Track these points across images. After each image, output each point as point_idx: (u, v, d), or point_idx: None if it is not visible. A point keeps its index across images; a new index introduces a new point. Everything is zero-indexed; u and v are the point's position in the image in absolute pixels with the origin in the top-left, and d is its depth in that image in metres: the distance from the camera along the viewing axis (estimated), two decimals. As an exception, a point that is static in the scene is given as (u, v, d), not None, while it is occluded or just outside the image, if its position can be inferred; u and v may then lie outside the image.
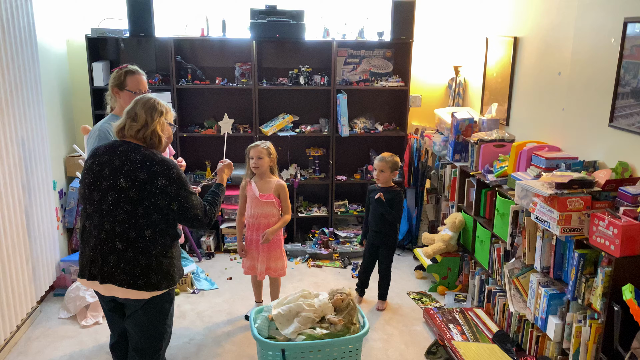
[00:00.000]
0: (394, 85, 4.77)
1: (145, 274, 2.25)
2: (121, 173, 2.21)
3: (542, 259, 2.93)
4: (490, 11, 4.42)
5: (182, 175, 2.31)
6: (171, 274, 2.34)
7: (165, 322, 2.44)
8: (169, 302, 2.42)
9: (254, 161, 3.46)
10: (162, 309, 2.39)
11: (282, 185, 3.52)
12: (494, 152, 3.82)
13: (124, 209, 2.20)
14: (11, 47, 3.28)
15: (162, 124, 2.38)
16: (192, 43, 4.70)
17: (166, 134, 2.42)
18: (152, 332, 2.40)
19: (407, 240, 4.97)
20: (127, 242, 2.22)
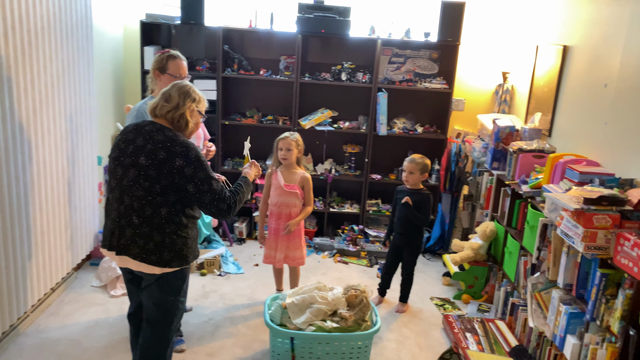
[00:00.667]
0: (437, 87, 4.71)
1: (157, 250, 2.34)
2: (143, 151, 2.31)
3: (565, 276, 2.82)
4: (542, 18, 4.28)
5: (201, 158, 2.35)
6: (184, 253, 2.41)
7: (178, 298, 2.52)
8: (181, 279, 2.50)
9: (282, 152, 3.53)
10: (174, 286, 2.48)
11: (307, 178, 3.57)
12: (532, 162, 3.70)
13: (142, 186, 2.30)
14: (66, 27, 3.48)
15: (192, 109, 2.46)
16: (240, 33, 4.81)
17: (194, 120, 2.50)
18: (164, 306, 2.50)
19: (439, 245, 4.90)
20: (143, 218, 2.32)
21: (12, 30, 2.87)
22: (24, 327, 3.26)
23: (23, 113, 3.04)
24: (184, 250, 2.41)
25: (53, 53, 3.33)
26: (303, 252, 3.67)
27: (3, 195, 2.88)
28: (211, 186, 2.36)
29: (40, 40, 3.17)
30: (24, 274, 3.17)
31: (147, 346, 2.53)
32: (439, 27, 4.50)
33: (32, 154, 3.17)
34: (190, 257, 2.47)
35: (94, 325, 3.40)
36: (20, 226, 3.08)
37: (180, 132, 2.44)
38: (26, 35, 3.01)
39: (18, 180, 3.02)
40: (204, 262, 4.24)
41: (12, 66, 2.89)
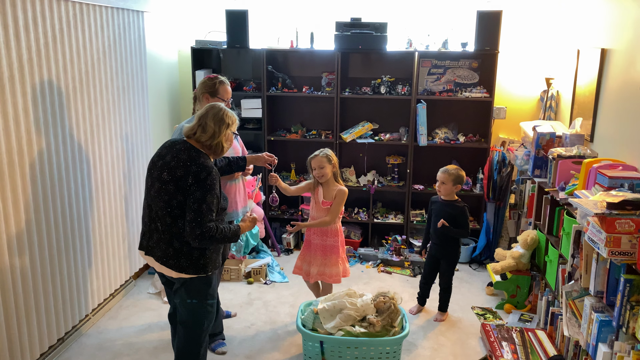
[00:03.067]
0: (477, 96, 4.71)
1: (176, 256, 2.56)
2: (167, 167, 2.54)
3: (596, 283, 2.77)
4: (581, 21, 4.20)
5: (209, 181, 2.47)
6: (201, 262, 2.58)
7: (205, 302, 2.72)
8: (206, 284, 2.69)
9: (316, 171, 3.56)
10: (199, 290, 2.68)
11: (342, 191, 3.56)
12: (572, 169, 3.63)
13: (163, 199, 2.53)
14: (121, 56, 3.86)
15: (227, 134, 2.67)
16: (283, 54, 5.07)
17: (228, 143, 2.71)
18: (192, 308, 2.71)
19: (485, 255, 4.85)
20: (165, 226, 2.55)
21: (71, 63, 3.25)
22: (85, 329, 3.60)
23: (82, 136, 3.41)
24: (200, 260, 2.59)
25: (109, 80, 3.71)
26: (339, 269, 3.59)
27: (65, 209, 3.25)
28: (200, 207, 2.45)
29: (97, 70, 3.55)
30: (85, 280, 3.53)
31: (181, 346, 2.76)
32: (476, 37, 4.52)
33: (91, 172, 3.53)
34: (209, 267, 2.64)
35: (147, 328, 3.70)
36: (80, 237, 3.44)
37: (213, 154, 2.65)
38: (84, 67, 3.39)
39: (78, 196, 3.38)
40: (251, 271, 4.47)
41: (70, 95, 3.26)
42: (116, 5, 3.71)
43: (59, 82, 3.15)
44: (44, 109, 3.03)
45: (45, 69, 3.01)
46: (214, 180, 2.52)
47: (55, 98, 3.12)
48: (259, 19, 5.02)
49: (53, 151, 3.12)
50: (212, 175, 2.51)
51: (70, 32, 3.22)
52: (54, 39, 3.07)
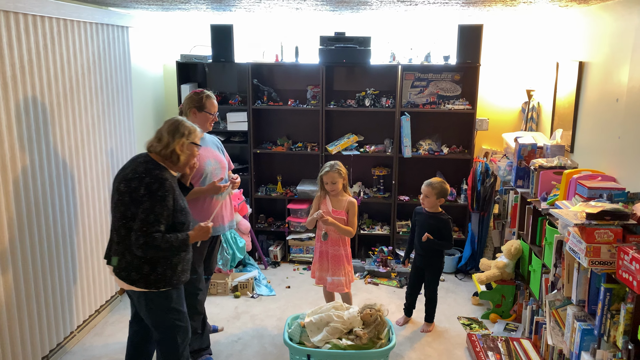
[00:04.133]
0: (460, 109, 4.78)
1: (126, 269, 2.57)
2: (124, 180, 2.55)
3: (578, 292, 2.82)
4: (560, 35, 4.31)
5: (165, 197, 2.48)
6: (151, 278, 2.55)
7: (169, 316, 2.68)
8: (164, 299, 2.64)
9: (329, 186, 3.61)
10: (158, 305, 2.64)
11: (353, 203, 3.66)
12: (553, 179, 3.70)
13: (120, 210, 2.55)
14: (106, 71, 3.87)
15: (182, 144, 2.62)
16: (268, 67, 5.10)
17: (186, 153, 2.66)
18: (157, 324, 2.70)
19: (470, 265, 4.90)
20: (120, 237, 2.57)
21: (55, 79, 3.26)
22: (70, 346, 3.57)
23: (66, 152, 3.40)
24: (151, 275, 2.56)
25: (94, 96, 3.72)
26: (346, 279, 3.68)
27: (49, 225, 3.23)
28: (147, 217, 2.46)
29: (81, 85, 3.55)
30: (70, 296, 3.50)
31: None
32: (458, 50, 4.60)
33: (76, 188, 3.52)
34: (161, 283, 2.58)
35: (132, 344, 3.67)
36: (65, 253, 3.42)
37: (174, 166, 2.65)
38: (68, 83, 3.39)
39: (62, 212, 3.37)
40: (238, 284, 4.46)
41: (55, 111, 3.26)
42: (101, 21, 3.73)
43: (44, 98, 3.15)
44: (28, 126, 3.02)
45: (29, 85, 3.01)
46: (167, 192, 2.51)
47: (40, 114, 3.12)
48: (244, 33, 5.06)
49: (37, 167, 3.11)
50: (165, 187, 2.51)
51: (54, 49, 3.23)
52: (38, 55, 3.08)
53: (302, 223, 5.06)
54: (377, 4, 3.65)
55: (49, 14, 3.13)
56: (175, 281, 2.65)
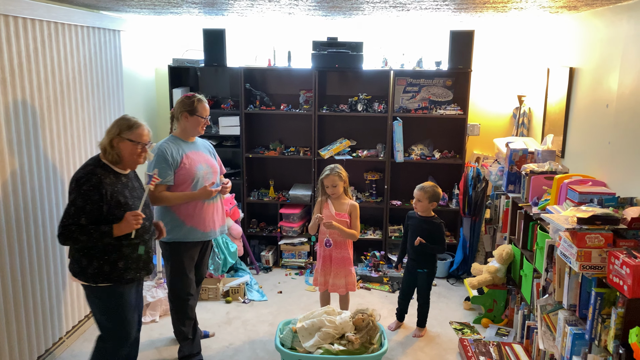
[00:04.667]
0: (451, 114, 4.80)
1: (71, 261, 2.68)
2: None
3: (569, 296, 2.83)
4: (551, 41, 4.34)
5: (89, 191, 2.53)
6: (88, 271, 2.61)
7: (100, 315, 2.73)
8: (97, 297, 2.69)
9: (330, 189, 3.67)
10: (93, 301, 2.71)
11: (355, 206, 3.72)
12: (544, 184, 3.72)
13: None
14: (97, 75, 3.84)
15: (115, 139, 2.65)
16: (260, 72, 5.10)
17: (126, 151, 2.66)
18: (96, 320, 2.77)
19: (462, 270, 4.91)
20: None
21: (46, 83, 3.23)
22: (59, 352, 3.52)
23: (56, 155, 3.37)
24: (88, 269, 2.61)
25: (85, 99, 3.69)
26: (350, 279, 3.75)
27: (38, 230, 3.20)
28: (69, 209, 2.54)
29: (72, 89, 3.53)
30: (59, 302, 3.46)
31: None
32: (450, 56, 4.62)
33: (66, 192, 3.47)
34: (99, 278, 2.61)
35: (122, 350, 3.64)
36: (54, 258, 3.38)
37: (117, 164, 2.68)
38: (59, 86, 3.37)
39: (52, 216, 3.33)
40: (229, 289, 4.43)
41: (45, 114, 3.24)
42: (92, 25, 3.71)
43: (34, 102, 3.12)
44: (18, 129, 2.99)
45: (19, 88, 2.99)
46: (92, 187, 2.54)
47: (30, 118, 3.09)
48: (237, 37, 5.06)
49: (27, 171, 3.08)
50: (91, 182, 2.54)
51: (45, 52, 3.20)
52: (29, 58, 3.06)
53: (294, 228, 5.05)
54: (369, 9, 3.66)
55: (39, 17, 3.11)
56: (115, 277, 2.65)
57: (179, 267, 3.33)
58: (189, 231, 3.28)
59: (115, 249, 2.64)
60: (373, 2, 3.31)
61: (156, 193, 3.16)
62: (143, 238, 2.76)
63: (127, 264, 2.68)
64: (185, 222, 3.27)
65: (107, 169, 2.66)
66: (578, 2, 3.20)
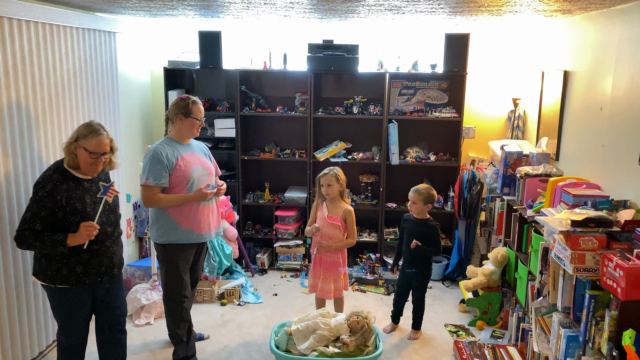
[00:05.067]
0: (447, 116, 4.82)
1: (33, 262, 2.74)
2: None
3: (563, 299, 2.84)
4: (545, 45, 4.37)
5: (43, 197, 2.57)
6: (48, 272, 2.66)
7: (55, 313, 2.82)
8: (52, 297, 2.76)
9: (324, 188, 3.68)
10: (50, 300, 2.80)
11: (350, 211, 3.71)
12: (539, 187, 3.73)
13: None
14: (92, 77, 3.84)
15: (72, 144, 2.65)
16: (256, 74, 5.11)
17: (81, 158, 2.65)
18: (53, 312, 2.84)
19: (457, 272, 4.91)
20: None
21: (40, 84, 3.23)
22: (53, 354, 3.50)
23: (51, 158, 3.36)
24: (47, 270, 2.67)
25: (80, 101, 3.68)
26: (338, 285, 3.77)
27: (32, 232, 3.18)
28: (25, 214, 2.60)
29: (67, 90, 3.52)
30: (53, 304, 3.44)
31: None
32: (445, 59, 4.64)
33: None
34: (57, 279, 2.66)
35: (117, 352, 3.62)
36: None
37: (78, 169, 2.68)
38: (54, 88, 3.36)
39: (46, 218, 3.31)
40: (224, 292, 4.43)
41: (40, 116, 3.23)
42: (87, 27, 3.70)
43: (28, 104, 3.11)
44: (12, 131, 2.98)
45: (13, 90, 2.98)
46: (46, 194, 2.57)
47: (24, 119, 3.08)
48: (232, 40, 5.06)
49: (21, 173, 3.07)
50: (46, 189, 2.58)
51: (40, 53, 3.20)
52: (23, 59, 3.05)
53: (289, 230, 5.05)
54: (365, 12, 3.67)
55: (34, 18, 3.11)
56: (73, 280, 2.69)
57: (174, 269, 3.32)
58: (184, 233, 3.27)
59: (74, 254, 2.67)
60: (368, 5, 3.32)
61: (151, 195, 3.15)
62: (104, 244, 2.77)
63: (85, 269, 2.70)
64: (180, 224, 3.27)
65: (67, 174, 2.66)
66: (572, 6, 3.22)
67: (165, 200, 3.20)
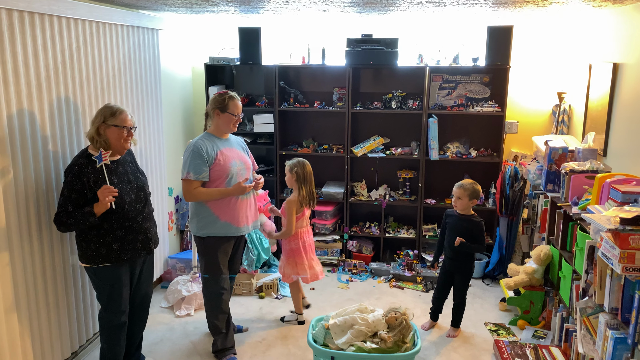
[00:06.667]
0: (489, 111, 4.71)
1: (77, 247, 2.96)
2: None
3: (611, 299, 2.73)
4: (593, 36, 4.21)
5: (71, 181, 2.76)
6: (88, 254, 2.86)
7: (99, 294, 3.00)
8: (96, 276, 2.93)
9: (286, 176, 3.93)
10: (94, 281, 2.97)
11: (287, 202, 3.87)
12: (585, 183, 3.61)
13: None
14: (136, 73, 3.93)
15: (101, 127, 2.84)
16: (294, 70, 5.12)
17: (113, 136, 2.86)
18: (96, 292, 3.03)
19: (498, 270, 4.81)
20: None
21: (87, 81, 3.33)
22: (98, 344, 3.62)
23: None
24: (87, 251, 2.86)
25: (124, 97, 3.78)
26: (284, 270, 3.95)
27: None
28: (59, 200, 2.81)
29: (112, 86, 3.62)
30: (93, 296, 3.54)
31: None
32: (487, 52, 4.53)
33: (106, 187, 3.58)
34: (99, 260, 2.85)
35: (159, 342, 3.72)
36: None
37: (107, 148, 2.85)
38: (99, 84, 3.46)
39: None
40: (262, 285, 4.47)
41: (87, 111, 3.33)
42: (131, 24, 3.80)
43: (76, 99, 3.22)
44: (61, 126, 3.09)
45: (62, 86, 3.08)
46: (73, 177, 2.77)
47: (72, 114, 3.19)
48: (271, 35, 5.09)
49: (69, 166, 3.17)
50: (73, 172, 2.78)
51: (86, 51, 3.30)
52: (71, 57, 3.15)
53: (326, 225, 5.05)
54: (405, 5, 3.62)
55: (81, 16, 3.21)
56: (113, 257, 2.88)
57: (213, 262, 3.37)
58: (222, 226, 3.33)
59: (108, 233, 2.87)
60: (409, -2, 3.28)
61: (192, 189, 3.22)
62: (136, 221, 2.96)
63: (122, 245, 2.91)
64: (220, 218, 3.32)
65: (92, 158, 2.83)
66: (623, -5, 3.09)
67: (204, 194, 3.25)
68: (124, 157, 3.04)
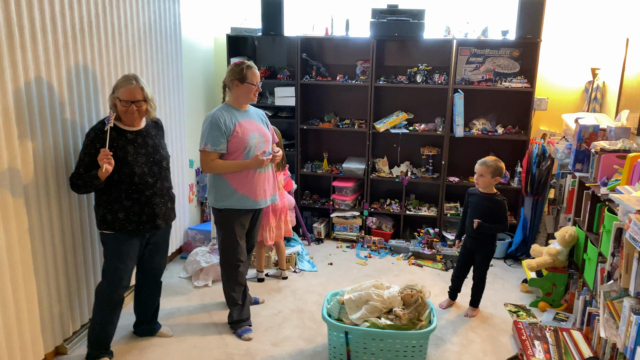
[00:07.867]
0: (517, 87, 4.54)
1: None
2: None
3: (636, 284, 2.63)
4: (630, 8, 3.97)
5: (86, 144, 2.82)
6: (98, 219, 2.92)
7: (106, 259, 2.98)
8: (107, 242, 2.94)
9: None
10: (104, 244, 2.97)
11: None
12: (616, 163, 3.46)
13: None
14: (157, 42, 3.90)
15: (111, 97, 2.89)
16: (317, 41, 5.02)
17: (120, 108, 2.86)
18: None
19: (521, 251, 4.71)
20: None
21: (106, 49, 3.30)
22: (117, 309, 3.68)
23: (116, 120, 3.46)
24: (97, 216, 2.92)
25: (144, 66, 3.76)
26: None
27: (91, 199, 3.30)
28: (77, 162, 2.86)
29: (132, 55, 3.59)
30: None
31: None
32: (518, 25, 4.35)
33: (125, 157, 3.58)
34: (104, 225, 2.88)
35: (175, 311, 3.76)
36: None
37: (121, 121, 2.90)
38: (119, 52, 3.44)
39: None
40: (280, 259, 4.47)
41: (105, 80, 3.32)
42: (152, -8, 3.75)
43: (94, 67, 3.20)
44: (79, 94, 3.08)
45: (80, 53, 3.06)
46: (89, 141, 2.82)
47: (90, 82, 3.18)
48: (294, 6, 4.98)
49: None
50: (89, 137, 2.83)
51: (106, 18, 3.27)
52: (90, 24, 3.12)
53: (346, 201, 5.00)
54: (431, -27, 3.48)
55: (101, -17, 3.17)
56: (117, 226, 2.88)
57: (231, 234, 3.37)
58: (240, 199, 3.30)
59: (117, 200, 2.87)
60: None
61: (209, 161, 3.19)
62: (144, 194, 2.92)
63: (127, 216, 2.89)
64: (237, 190, 3.29)
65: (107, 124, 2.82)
66: (666, -38, 2.89)
67: (222, 166, 3.23)
68: (148, 129, 3.00)
